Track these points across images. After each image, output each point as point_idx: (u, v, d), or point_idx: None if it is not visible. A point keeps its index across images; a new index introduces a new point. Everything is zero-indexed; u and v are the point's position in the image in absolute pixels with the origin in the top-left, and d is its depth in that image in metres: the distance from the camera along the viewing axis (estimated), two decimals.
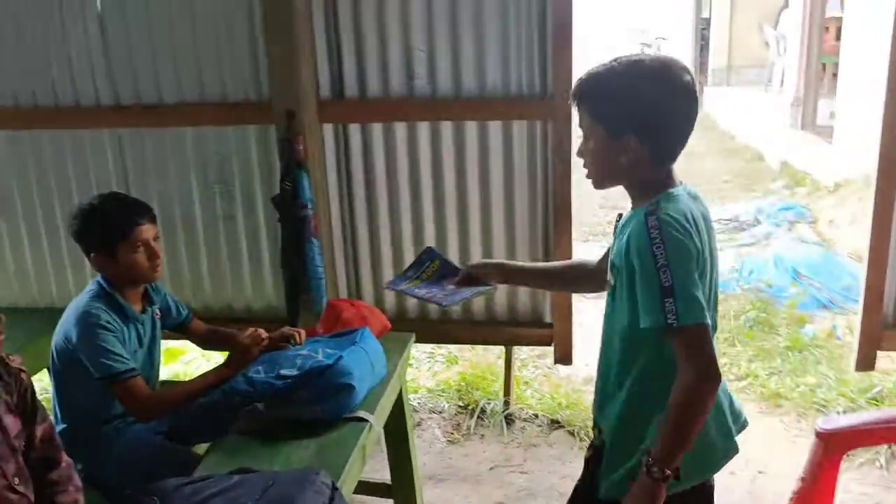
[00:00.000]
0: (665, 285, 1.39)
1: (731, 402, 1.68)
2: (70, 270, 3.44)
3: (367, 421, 2.07)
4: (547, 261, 3.13)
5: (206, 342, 2.57)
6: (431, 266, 2.11)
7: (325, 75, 3.06)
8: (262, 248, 3.30)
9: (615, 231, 1.63)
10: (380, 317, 2.57)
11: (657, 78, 1.48)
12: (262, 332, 2.25)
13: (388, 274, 3.24)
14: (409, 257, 3.22)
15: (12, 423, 1.74)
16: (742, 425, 1.70)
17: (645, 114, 1.49)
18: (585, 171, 1.61)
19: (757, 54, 11.43)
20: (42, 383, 3.23)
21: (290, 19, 2.87)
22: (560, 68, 2.90)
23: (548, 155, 3.05)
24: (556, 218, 3.07)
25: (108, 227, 2.15)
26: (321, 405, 2.04)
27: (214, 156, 3.22)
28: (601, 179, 1.61)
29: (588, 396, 3.68)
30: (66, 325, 2.18)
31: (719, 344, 4.19)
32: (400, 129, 3.09)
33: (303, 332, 2.33)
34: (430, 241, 3.16)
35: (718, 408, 1.58)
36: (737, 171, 8.21)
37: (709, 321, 1.43)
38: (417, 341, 2.70)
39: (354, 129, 3.12)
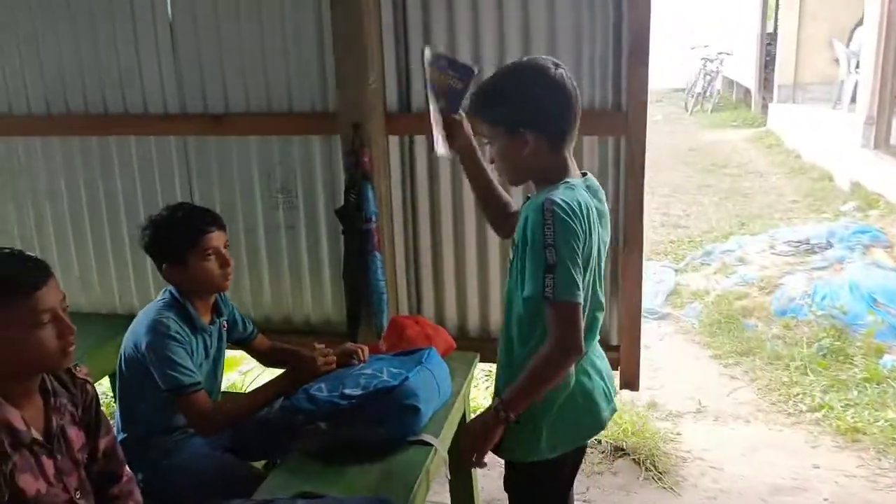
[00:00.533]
0: (549, 262, 1.58)
1: (606, 385, 1.88)
2: (133, 278, 3.46)
3: (432, 445, 1.99)
4: (616, 280, 3.03)
5: (267, 359, 2.53)
6: (460, 78, 1.94)
7: (393, 87, 3.01)
8: (322, 259, 3.26)
9: (518, 213, 1.84)
10: (444, 335, 2.50)
11: (536, 75, 1.70)
12: (331, 353, 2.20)
13: (450, 290, 3.17)
14: (471, 275, 3.14)
15: (76, 436, 1.71)
16: (612, 410, 1.91)
17: (533, 107, 1.70)
18: (498, 173, 1.85)
19: (825, 71, 11.05)
20: (102, 387, 3.23)
21: (359, 31, 2.83)
22: (635, 82, 2.80)
23: (619, 172, 2.95)
24: (625, 237, 2.96)
25: (178, 236, 2.14)
26: (386, 427, 1.97)
27: (278, 165, 3.20)
28: (514, 175, 1.82)
29: (653, 423, 3.55)
30: (136, 333, 2.16)
31: (790, 372, 4.05)
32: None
33: (366, 348, 2.26)
34: (494, 260, 3.08)
35: (589, 391, 1.81)
36: (804, 191, 7.91)
37: (581, 301, 1.61)
38: (480, 360, 2.62)
39: (421, 142, 3.06)
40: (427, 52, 1.98)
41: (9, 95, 3.35)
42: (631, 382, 3.11)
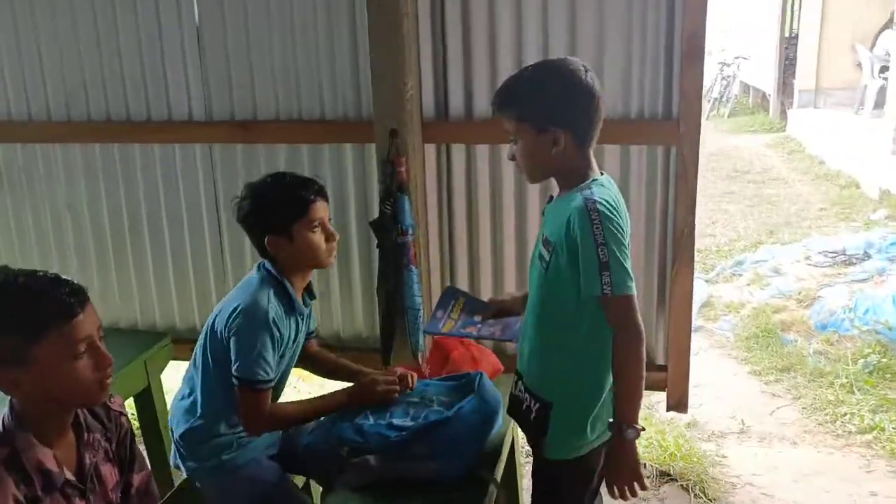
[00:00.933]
0: (603, 260, 1.63)
1: None
2: (155, 290, 3.32)
3: (488, 480, 1.85)
4: (663, 297, 2.89)
5: (315, 366, 2.29)
6: (457, 304, 2.17)
7: (430, 93, 2.87)
8: (353, 273, 3.12)
9: (543, 212, 1.91)
10: (491, 357, 2.36)
11: (564, 75, 1.72)
12: (396, 379, 2.05)
13: None
14: (510, 289, 2.99)
15: (110, 474, 1.57)
16: None
17: (564, 105, 1.72)
18: (521, 169, 1.84)
19: (847, 76, 10.87)
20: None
21: (397, 34, 2.69)
22: (689, 87, 2.65)
23: (669, 182, 2.80)
24: (675, 251, 2.81)
25: (283, 205, 1.95)
26: (438, 462, 1.84)
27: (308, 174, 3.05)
28: (536, 173, 1.85)
29: (699, 444, 3.39)
30: (227, 312, 1.95)
31: (835, 390, 3.88)
32: (506, 151, 2.85)
33: (415, 375, 2.11)
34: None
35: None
36: (832, 198, 7.73)
37: (635, 291, 1.67)
38: None
39: (458, 150, 2.92)
40: (428, 329, 2.17)
41: (28, 101, 3.22)
42: (679, 405, 2.96)
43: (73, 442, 1.51)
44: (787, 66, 12.98)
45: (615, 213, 1.68)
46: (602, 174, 1.81)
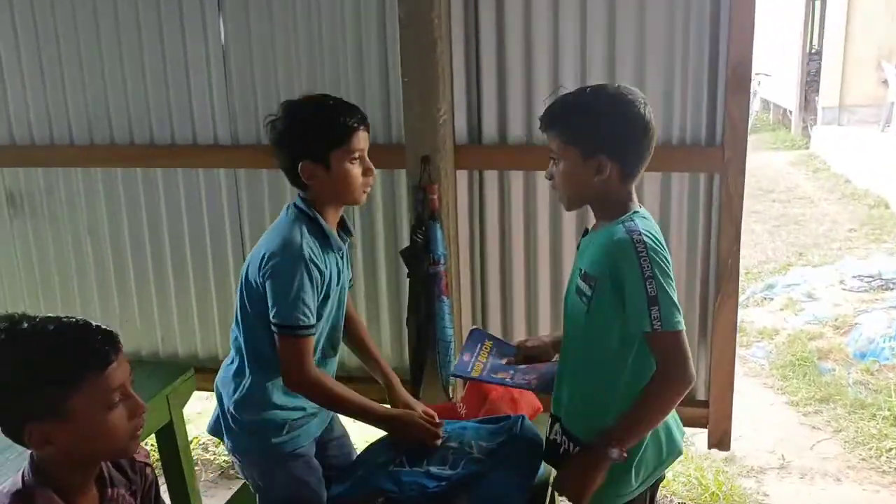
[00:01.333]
0: (651, 294, 1.55)
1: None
2: (177, 318, 3.23)
3: None
4: (705, 329, 2.77)
5: (348, 337, 2.12)
6: (484, 347, 2.08)
7: (462, 117, 2.78)
8: (381, 302, 3.02)
9: (578, 245, 1.82)
10: (530, 397, 2.24)
11: (620, 102, 1.65)
12: (442, 424, 1.94)
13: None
14: (544, 323, 2.89)
15: None
16: (682, 433, 1.82)
17: (614, 134, 1.64)
18: (558, 192, 1.77)
19: (872, 92, 10.74)
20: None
21: (430, 58, 2.60)
22: (735, 112, 2.54)
23: (712, 211, 2.68)
24: (719, 282, 2.69)
25: (326, 128, 1.79)
26: None
27: None
28: (574, 200, 1.77)
29: (740, 481, 3.25)
30: (260, 255, 1.81)
31: (878, 422, 3.73)
32: (542, 177, 2.74)
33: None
34: None
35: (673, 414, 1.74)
36: (860, 218, 7.58)
37: (684, 326, 1.59)
38: None
39: (491, 177, 2.82)
40: (456, 372, 2.06)
41: (51, 124, 3.15)
42: (721, 443, 2.83)
43: (96, 498, 1.41)
44: (809, 82, 12.84)
45: (660, 245, 1.62)
46: (641, 207, 1.73)
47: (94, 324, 1.35)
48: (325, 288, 1.84)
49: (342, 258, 1.94)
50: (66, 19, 3.01)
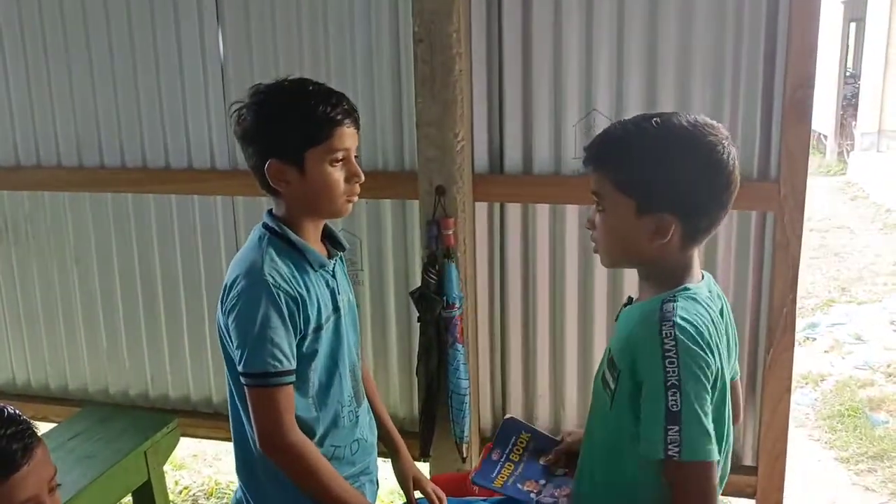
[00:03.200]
0: (672, 409, 1.19)
1: None
2: (168, 355, 2.96)
3: None
4: (754, 386, 2.45)
5: None
6: (520, 440, 1.80)
7: (483, 143, 2.49)
8: (391, 346, 2.73)
9: (617, 318, 1.45)
10: None
11: (699, 143, 1.27)
12: None
13: (543, 394, 2.60)
14: (570, 374, 2.58)
15: None
16: None
17: (687, 188, 1.28)
18: (596, 244, 1.40)
19: None
20: None
21: (447, 78, 2.32)
22: (793, 143, 2.23)
23: (764, 254, 2.37)
24: (772, 333, 2.37)
25: (302, 121, 1.48)
26: None
27: (341, 232, 2.67)
28: (617, 258, 1.42)
29: None
30: (225, 284, 1.54)
31: None
32: (571, 212, 2.47)
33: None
34: (598, 357, 2.48)
35: None
36: None
37: (717, 456, 1.23)
38: None
39: (514, 210, 2.52)
40: (478, 480, 1.72)
41: (38, 145, 2.91)
42: None
43: None
44: (845, 106, 12.44)
45: (703, 341, 1.23)
46: (703, 277, 1.39)
47: (10, 411, 1.07)
48: (313, 318, 1.52)
49: (334, 276, 1.62)
50: (55, 32, 2.79)
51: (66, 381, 3.07)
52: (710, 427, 1.22)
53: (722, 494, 2.59)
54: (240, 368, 1.47)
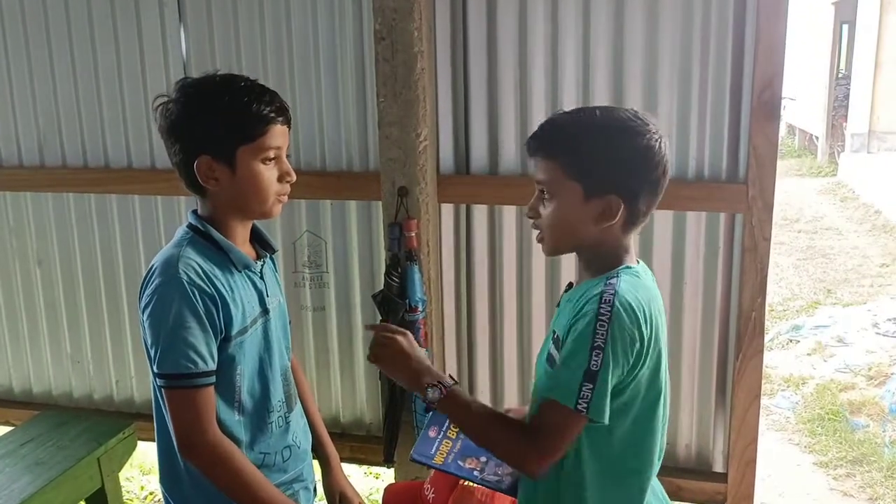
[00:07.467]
0: (592, 369, 1.25)
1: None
2: (132, 357, 2.90)
3: None
4: (724, 392, 2.41)
5: None
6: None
7: (448, 143, 2.45)
8: (356, 350, 2.68)
9: (559, 303, 1.49)
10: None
11: (637, 131, 1.33)
12: None
13: (511, 399, 2.55)
14: None
15: None
16: None
17: (630, 171, 1.33)
18: (540, 232, 1.43)
19: None
20: None
21: (409, 76, 2.27)
22: (761, 144, 2.18)
23: (733, 257, 2.33)
24: (740, 340, 2.32)
25: (233, 117, 1.42)
26: None
27: (306, 233, 2.64)
28: (562, 244, 1.43)
29: None
30: (141, 283, 1.48)
31: None
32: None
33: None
34: None
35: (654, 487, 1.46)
36: (893, 252, 7.14)
37: (606, 421, 1.28)
38: None
39: (480, 212, 2.48)
40: (414, 455, 1.62)
41: None
42: None
43: None
44: (836, 107, 12.42)
45: (636, 317, 1.28)
46: (638, 262, 1.42)
47: None
48: (237, 319, 1.46)
49: (262, 278, 1.56)
50: (14, 29, 2.73)
51: (29, 384, 3.02)
52: (609, 395, 1.27)
53: (691, 501, 2.56)
54: (154, 369, 1.42)
